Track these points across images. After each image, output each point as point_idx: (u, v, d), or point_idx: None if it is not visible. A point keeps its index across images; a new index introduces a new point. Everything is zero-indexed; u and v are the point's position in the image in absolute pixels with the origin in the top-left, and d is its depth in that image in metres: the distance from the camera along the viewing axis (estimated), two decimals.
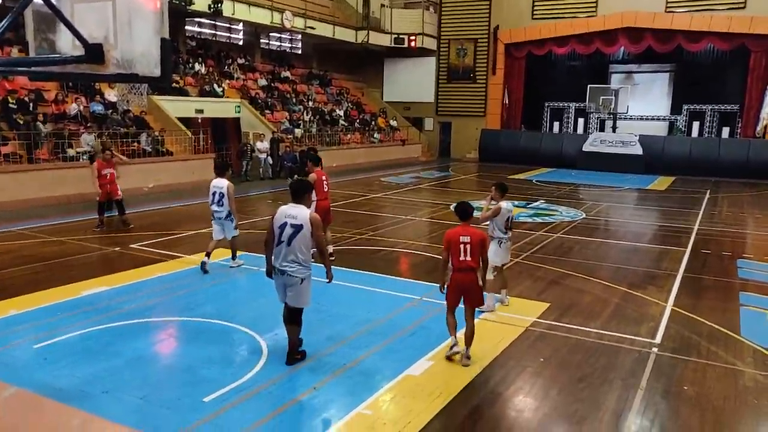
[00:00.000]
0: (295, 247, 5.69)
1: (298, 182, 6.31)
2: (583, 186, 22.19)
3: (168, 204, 15.50)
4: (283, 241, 5.69)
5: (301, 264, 5.75)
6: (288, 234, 5.67)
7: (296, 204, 5.81)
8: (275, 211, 5.85)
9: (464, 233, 6.02)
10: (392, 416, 5.01)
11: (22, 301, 7.57)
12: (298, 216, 5.71)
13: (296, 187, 6.01)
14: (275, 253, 5.76)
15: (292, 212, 5.74)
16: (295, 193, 5.89)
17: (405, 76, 33.96)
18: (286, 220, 5.70)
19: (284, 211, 5.76)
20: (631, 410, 5.23)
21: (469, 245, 5.97)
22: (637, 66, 32.63)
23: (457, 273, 6.03)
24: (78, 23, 3.63)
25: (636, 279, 9.45)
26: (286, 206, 5.83)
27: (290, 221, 5.69)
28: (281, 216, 5.74)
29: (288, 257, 5.71)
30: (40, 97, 17.19)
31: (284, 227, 5.69)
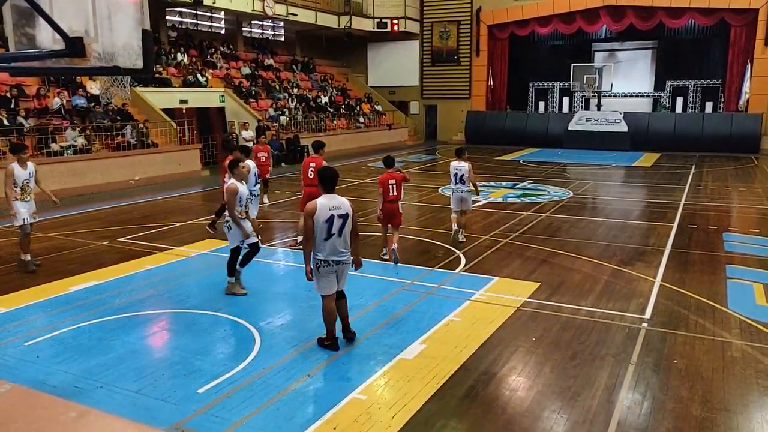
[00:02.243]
0: (345, 235, 5.78)
1: (329, 170, 5.94)
2: (569, 165, 22.30)
3: (155, 196, 15.39)
4: (333, 233, 5.70)
5: (349, 250, 5.89)
6: (338, 225, 5.70)
7: (331, 194, 5.77)
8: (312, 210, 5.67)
9: (390, 177, 8.94)
10: (387, 400, 5.06)
11: (11, 299, 7.52)
12: (342, 206, 5.73)
13: (329, 176, 5.85)
14: (326, 247, 5.72)
15: (334, 203, 5.71)
16: (329, 183, 5.81)
17: (389, 60, 33.81)
18: (331, 212, 5.66)
19: (325, 204, 5.67)
20: (623, 385, 5.31)
21: (395, 185, 8.92)
22: (620, 44, 32.74)
23: (387, 204, 8.94)
24: (57, 16, 3.58)
25: (624, 255, 9.54)
26: (322, 199, 5.72)
27: (336, 213, 5.67)
28: (324, 210, 5.65)
29: (342, 247, 5.79)
30: (22, 92, 16.94)
31: (332, 220, 5.66)
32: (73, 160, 15.85)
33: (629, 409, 4.93)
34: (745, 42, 27.04)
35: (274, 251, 10.09)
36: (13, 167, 8.52)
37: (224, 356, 5.90)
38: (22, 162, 8.58)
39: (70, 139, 16.13)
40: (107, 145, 17.13)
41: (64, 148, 15.87)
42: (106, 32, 3.65)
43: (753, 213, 13.19)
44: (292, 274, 8.94)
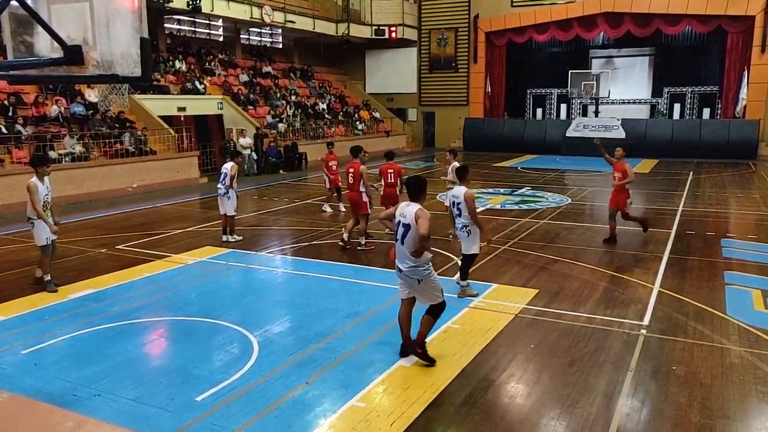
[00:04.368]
0: (407, 245, 5.60)
1: (415, 180, 5.87)
2: (567, 171, 22.34)
3: (153, 203, 15.39)
4: (397, 239, 5.68)
5: (413, 263, 5.60)
6: (401, 233, 5.64)
7: (411, 201, 5.70)
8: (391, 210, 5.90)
9: (389, 168, 10.65)
10: (385, 407, 5.04)
11: (8, 307, 7.50)
12: (407, 214, 5.61)
13: (412, 185, 5.77)
14: (396, 252, 5.74)
15: (404, 211, 5.67)
16: (411, 190, 5.74)
17: (387, 67, 33.90)
18: (399, 218, 5.65)
19: (400, 209, 5.70)
20: (622, 392, 5.30)
21: (392, 173, 10.57)
22: (617, 50, 32.86)
23: (387, 188, 10.63)
24: (56, 25, 3.59)
25: (623, 262, 9.55)
26: (400, 205, 5.78)
27: (402, 220, 5.64)
28: (398, 214, 5.69)
29: (403, 256, 5.66)
30: (20, 100, 16.95)
31: (398, 226, 5.66)
32: (72, 168, 15.84)
33: (628, 416, 4.92)
34: (741, 49, 27.16)
35: (272, 258, 10.08)
36: (36, 183, 7.94)
37: (222, 364, 5.89)
38: (41, 176, 8.02)
39: (68, 147, 16.13)
40: (105, 153, 17.13)
41: (63, 155, 15.87)
42: (104, 40, 3.66)
43: (751, 219, 13.21)
44: (289, 282, 8.94)
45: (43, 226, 8.00)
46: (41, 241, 8.06)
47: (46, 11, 3.67)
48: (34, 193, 7.91)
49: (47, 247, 8.13)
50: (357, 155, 10.71)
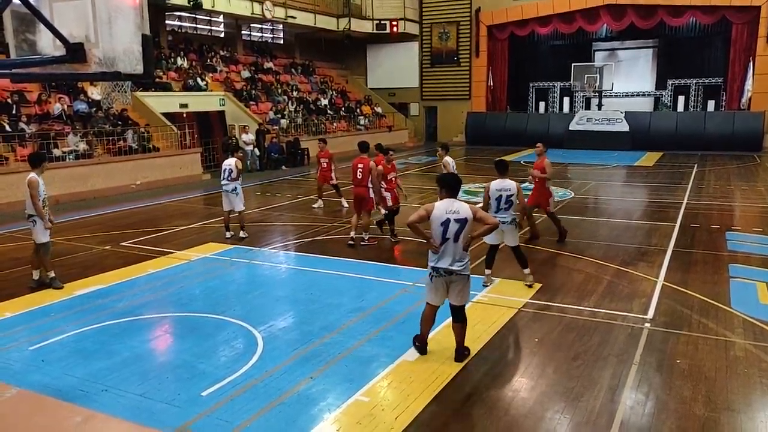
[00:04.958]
0: (463, 241, 5.50)
1: (452, 176, 5.85)
2: (571, 165, 22.29)
3: (156, 200, 15.41)
4: (449, 238, 5.44)
5: (467, 259, 5.58)
6: (454, 230, 5.44)
7: (452, 198, 5.58)
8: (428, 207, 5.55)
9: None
10: (390, 402, 5.06)
11: (15, 304, 7.54)
12: (460, 210, 5.48)
13: (453, 181, 5.69)
14: (442, 254, 5.49)
15: (453, 207, 5.48)
16: (451, 187, 5.62)
17: (388, 62, 33.84)
18: (448, 216, 5.43)
19: (443, 207, 5.48)
20: (626, 385, 5.30)
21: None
22: (621, 43, 32.74)
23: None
24: (58, 23, 3.60)
25: (627, 256, 9.54)
26: (441, 203, 5.53)
27: (453, 217, 5.44)
28: (441, 213, 5.45)
29: (457, 254, 5.49)
30: (23, 98, 16.99)
31: (448, 224, 5.43)
32: (75, 166, 15.89)
33: (632, 409, 4.93)
34: (746, 40, 27.01)
35: (275, 254, 10.10)
36: (37, 179, 7.93)
37: (227, 359, 5.91)
38: (40, 174, 8.04)
39: (71, 145, 16.18)
40: (109, 150, 17.16)
41: (66, 153, 15.91)
42: (106, 38, 3.67)
43: (756, 212, 13.17)
44: (293, 278, 8.96)
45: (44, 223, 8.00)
46: (44, 238, 8.05)
47: (48, 9, 3.68)
48: (35, 188, 7.90)
49: (48, 244, 8.15)
50: (366, 150, 10.54)
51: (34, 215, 7.97)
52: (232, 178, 10.63)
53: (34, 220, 8.00)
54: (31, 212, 7.98)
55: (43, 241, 8.07)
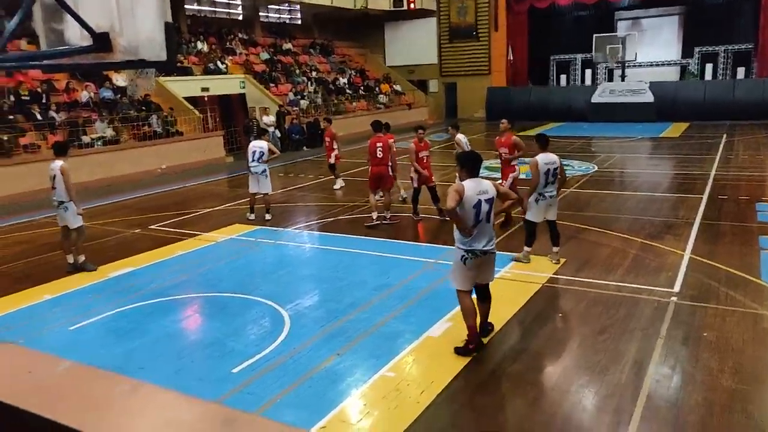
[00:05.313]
0: (491, 221, 5.43)
1: (473, 155, 5.65)
2: (594, 138, 21.99)
3: (182, 184, 15.65)
4: (481, 219, 5.31)
5: (494, 237, 5.49)
6: (486, 211, 5.32)
7: (476, 178, 5.41)
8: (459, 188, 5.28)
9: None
10: (415, 377, 5.16)
11: (54, 286, 7.80)
12: (488, 190, 5.36)
13: (474, 160, 5.50)
14: (477, 236, 5.32)
15: (481, 188, 5.33)
16: (474, 167, 5.45)
17: (406, 39, 33.51)
18: (479, 197, 5.26)
19: (472, 188, 5.28)
20: (652, 359, 5.31)
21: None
22: (644, 11, 31.93)
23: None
24: (83, 13, 3.68)
25: (653, 229, 9.45)
26: (469, 184, 5.30)
27: (483, 197, 5.29)
28: (473, 195, 5.25)
29: (489, 234, 5.39)
30: (52, 87, 17.31)
31: (480, 206, 5.26)
32: (103, 151, 16.19)
33: (658, 382, 4.94)
34: None
35: (300, 234, 10.23)
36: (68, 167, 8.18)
37: (256, 337, 6.06)
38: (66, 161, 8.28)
39: (99, 131, 16.48)
40: (134, 135, 17.43)
41: (94, 140, 16.22)
42: (130, 26, 3.74)
43: None
44: (317, 256, 9.09)
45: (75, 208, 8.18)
46: (78, 222, 8.24)
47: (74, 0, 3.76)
48: (70, 175, 8.09)
49: (83, 228, 8.36)
50: (380, 129, 10.41)
51: (65, 201, 8.13)
52: (263, 161, 10.73)
53: (66, 207, 8.16)
54: (63, 199, 8.13)
55: (78, 225, 8.26)
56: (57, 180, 8.11)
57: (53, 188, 8.17)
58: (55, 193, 8.16)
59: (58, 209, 8.22)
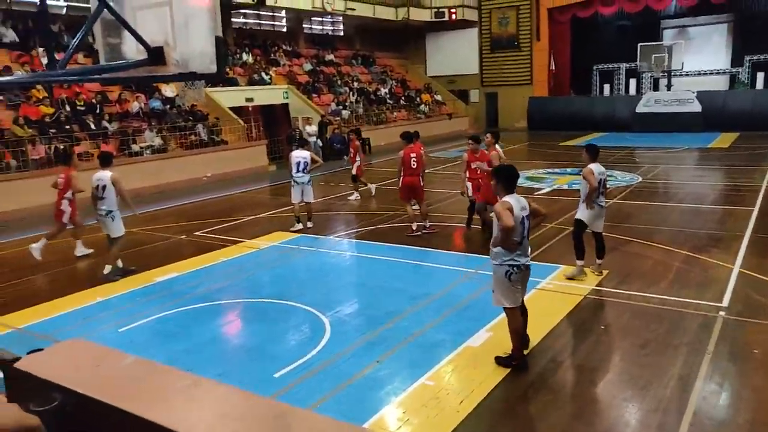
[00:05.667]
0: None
1: (512, 169, 5.63)
2: (638, 149, 21.57)
3: (226, 192, 16.02)
4: (526, 235, 5.31)
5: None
6: (527, 227, 5.33)
7: (514, 195, 5.36)
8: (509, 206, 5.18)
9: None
10: (455, 386, 5.17)
11: (104, 289, 8.10)
12: (526, 206, 5.36)
13: (513, 175, 5.48)
14: (522, 250, 5.30)
15: (522, 204, 5.31)
16: (512, 182, 5.42)
17: (448, 49, 33.56)
18: (522, 213, 5.24)
19: (517, 205, 5.24)
20: (699, 375, 5.17)
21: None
22: (692, 19, 31.17)
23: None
24: (141, 28, 3.87)
25: (699, 242, 9.23)
26: (513, 201, 5.25)
27: (524, 213, 5.28)
28: (518, 212, 5.21)
29: (529, 249, 5.45)
30: (106, 98, 18.04)
31: (524, 222, 5.25)
32: (152, 160, 16.74)
33: (705, 399, 4.82)
34: None
35: (340, 242, 10.35)
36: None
37: (297, 343, 6.17)
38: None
39: (148, 140, 17.07)
40: (181, 144, 17.96)
41: (144, 148, 16.80)
42: (183, 40, 3.92)
43: None
44: (357, 264, 9.19)
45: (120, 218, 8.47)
46: (120, 232, 8.54)
47: (132, 16, 3.96)
48: (122, 184, 8.39)
49: (121, 239, 8.65)
50: (411, 140, 10.28)
51: (113, 210, 8.39)
52: (307, 170, 10.90)
53: (113, 216, 8.41)
54: (112, 208, 8.37)
55: (119, 235, 8.53)
56: (107, 190, 8.35)
57: (101, 198, 8.37)
58: (104, 202, 8.37)
59: (105, 218, 8.44)
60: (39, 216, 12.80)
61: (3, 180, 13.72)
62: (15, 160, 14.24)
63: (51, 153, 14.87)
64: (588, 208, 7.50)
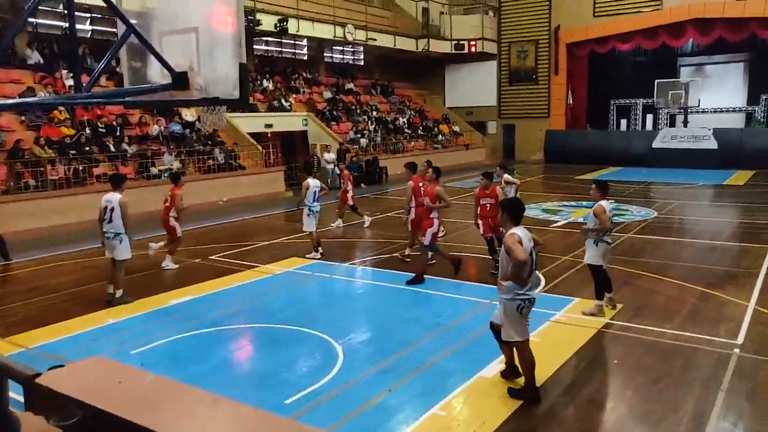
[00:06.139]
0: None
1: (519, 202, 5.74)
2: (654, 184, 21.50)
3: (242, 216, 16.18)
4: (534, 268, 5.35)
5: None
6: (535, 258, 5.38)
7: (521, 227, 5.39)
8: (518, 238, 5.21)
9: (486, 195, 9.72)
10: (466, 417, 5.15)
11: (118, 311, 8.18)
12: (532, 238, 5.39)
13: (521, 208, 5.54)
14: (531, 282, 5.33)
15: (529, 236, 5.35)
16: (519, 214, 5.45)
17: (466, 81, 33.93)
18: (530, 245, 5.26)
19: (525, 238, 5.26)
20: (713, 412, 5.12)
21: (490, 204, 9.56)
22: (708, 57, 31.31)
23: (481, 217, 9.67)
24: (165, 53, 4.02)
25: (714, 278, 9.16)
26: (522, 233, 5.28)
27: (531, 245, 5.30)
28: (527, 244, 5.23)
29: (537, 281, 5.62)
30: (126, 121, 18.41)
31: (532, 254, 5.28)
32: (169, 183, 16.89)
33: None
34: None
35: (355, 269, 10.40)
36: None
37: (309, 369, 6.19)
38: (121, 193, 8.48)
39: (167, 163, 17.34)
40: (199, 168, 18.22)
41: (162, 171, 17.05)
42: (207, 66, 4.05)
43: None
44: (372, 292, 9.22)
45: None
46: (126, 255, 8.45)
47: (158, 41, 4.11)
48: (127, 208, 8.37)
49: (126, 262, 8.55)
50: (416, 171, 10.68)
51: (121, 233, 8.33)
52: (317, 200, 11.04)
53: (121, 238, 8.35)
54: (119, 230, 8.32)
55: (125, 258, 8.46)
56: (115, 213, 8.29)
57: (109, 221, 8.30)
58: (113, 225, 8.31)
59: (113, 240, 8.34)
60: (53, 236, 13.05)
61: (22, 199, 13.98)
62: (34, 179, 14.52)
63: (70, 174, 15.16)
64: (594, 244, 7.49)
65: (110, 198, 8.39)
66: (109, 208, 8.34)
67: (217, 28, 4.02)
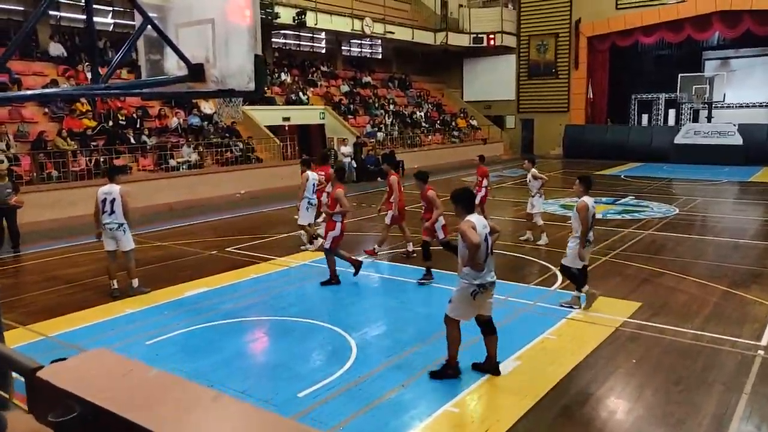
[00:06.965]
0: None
1: (467, 191, 5.85)
2: (675, 180, 21.15)
3: (259, 209, 16.22)
4: (489, 253, 5.52)
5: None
6: (490, 244, 5.56)
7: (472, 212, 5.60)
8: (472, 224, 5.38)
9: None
10: (479, 414, 5.08)
11: (135, 301, 8.23)
12: (488, 225, 5.61)
13: (469, 196, 5.74)
14: (487, 267, 5.50)
15: (483, 222, 5.57)
16: (472, 203, 5.70)
17: (485, 74, 33.66)
18: (485, 231, 5.46)
19: (480, 224, 5.46)
20: (735, 415, 4.99)
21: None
22: (735, 51, 30.66)
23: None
24: (182, 45, 3.98)
25: (737, 277, 8.95)
26: (477, 220, 5.48)
27: (486, 231, 5.50)
28: (482, 230, 5.41)
29: (493, 266, 5.65)
30: (146, 113, 18.56)
31: (487, 239, 5.47)
32: (188, 175, 17.09)
33: None
34: None
35: (369, 263, 10.34)
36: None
37: (322, 363, 6.16)
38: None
39: (185, 155, 17.45)
40: (217, 161, 18.31)
41: (180, 163, 17.16)
42: (223, 58, 4.02)
43: None
44: (386, 286, 9.16)
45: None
46: (131, 245, 8.46)
47: (174, 34, 4.08)
48: (128, 200, 8.36)
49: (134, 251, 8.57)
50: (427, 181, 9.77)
51: (124, 223, 8.31)
52: None
53: (124, 229, 8.33)
54: (122, 221, 8.29)
55: (131, 248, 8.46)
56: (116, 203, 8.24)
57: (111, 212, 8.23)
58: (115, 216, 8.26)
59: (117, 231, 8.29)
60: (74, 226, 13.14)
61: (44, 190, 14.15)
62: (56, 170, 14.68)
63: (91, 165, 15.30)
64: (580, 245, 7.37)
65: (109, 190, 8.30)
66: (109, 200, 8.24)
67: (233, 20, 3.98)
